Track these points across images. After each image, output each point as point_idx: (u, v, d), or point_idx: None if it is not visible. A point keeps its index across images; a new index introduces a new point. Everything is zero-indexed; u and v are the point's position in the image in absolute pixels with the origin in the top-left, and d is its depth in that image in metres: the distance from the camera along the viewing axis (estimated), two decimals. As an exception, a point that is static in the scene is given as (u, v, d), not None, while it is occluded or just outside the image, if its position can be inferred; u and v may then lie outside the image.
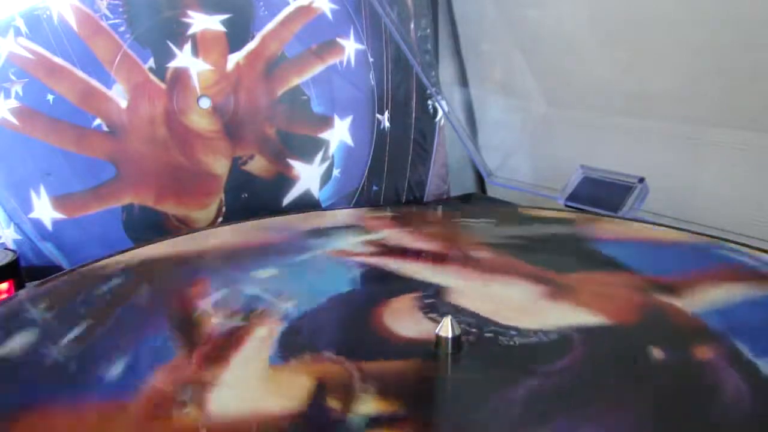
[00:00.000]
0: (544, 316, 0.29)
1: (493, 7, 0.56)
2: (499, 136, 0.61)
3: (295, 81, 0.51)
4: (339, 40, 0.52)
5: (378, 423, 0.22)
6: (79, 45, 0.44)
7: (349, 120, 0.53)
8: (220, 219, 0.50)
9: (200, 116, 0.48)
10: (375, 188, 0.56)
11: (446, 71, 0.62)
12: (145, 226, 0.47)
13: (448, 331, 0.27)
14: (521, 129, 0.60)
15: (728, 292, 0.31)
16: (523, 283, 0.33)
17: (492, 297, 0.31)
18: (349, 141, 0.54)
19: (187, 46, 0.47)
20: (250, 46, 0.49)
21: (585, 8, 0.48)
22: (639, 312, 0.30)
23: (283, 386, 0.24)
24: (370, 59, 0.54)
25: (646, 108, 0.49)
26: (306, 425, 0.22)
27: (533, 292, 0.32)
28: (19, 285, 0.38)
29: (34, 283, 0.35)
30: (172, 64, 0.47)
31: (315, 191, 0.53)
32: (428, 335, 0.27)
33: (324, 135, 0.53)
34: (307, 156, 0.52)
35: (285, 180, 0.52)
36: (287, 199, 0.52)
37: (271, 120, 0.50)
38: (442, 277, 0.34)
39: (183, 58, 0.47)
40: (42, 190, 0.45)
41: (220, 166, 0.49)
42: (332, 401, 0.23)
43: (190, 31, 0.47)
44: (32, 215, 0.45)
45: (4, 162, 0.44)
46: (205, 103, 0.48)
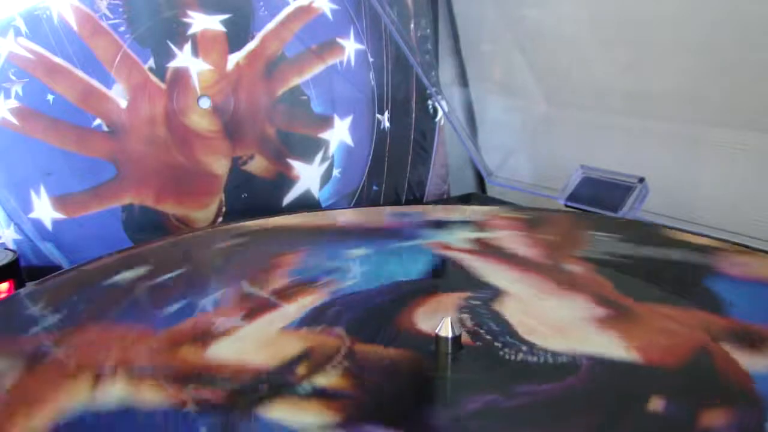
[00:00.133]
0: (576, 340, 0.27)
1: (493, 7, 0.56)
2: (499, 136, 0.61)
3: (295, 81, 0.51)
4: (339, 40, 0.52)
5: (316, 395, 0.23)
6: (79, 45, 0.44)
7: (349, 120, 0.53)
8: (219, 219, 0.50)
9: (200, 116, 0.48)
10: (375, 188, 0.56)
11: (446, 71, 0.62)
12: (145, 226, 0.47)
13: (447, 332, 0.27)
14: (521, 129, 0.60)
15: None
16: (585, 304, 0.30)
17: (540, 311, 0.30)
18: (349, 141, 0.54)
19: (187, 46, 0.47)
20: (250, 46, 0.49)
21: (585, 8, 0.48)
22: (683, 356, 0.26)
23: (276, 348, 0.26)
24: (370, 59, 0.54)
25: (646, 108, 0.49)
26: (262, 381, 0.24)
27: (587, 315, 0.29)
28: (19, 285, 0.38)
29: (33, 282, 0.35)
30: (172, 64, 0.47)
31: (315, 191, 0.53)
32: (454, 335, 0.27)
33: (324, 135, 0.53)
34: (307, 156, 0.52)
35: (285, 180, 0.52)
36: (287, 199, 0.52)
37: (271, 120, 0.50)
38: (511, 283, 0.33)
39: (183, 58, 0.47)
40: (42, 190, 0.45)
41: (220, 166, 0.49)
42: (302, 368, 0.25)
43: (190, 31, 0.47)
44: (32, 215, 0.45)
45: (4, 162, 0.44)
46: (205, 103, 0.48)
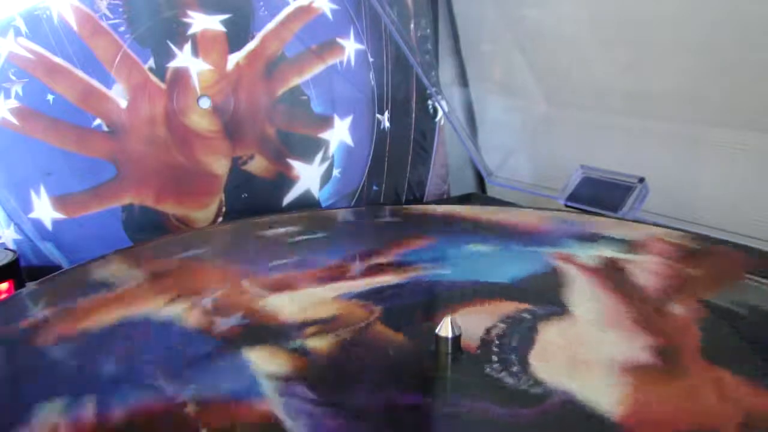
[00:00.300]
0: (579, 376, 0.25)
1: (493, 7, 0.56)
2: (499, 136, 0.61)
3: (295, 81, 0.51)
4: (339, 40, 0.52)
5: (298, 352, 0.27)
6: (79, 45, 0.44)
7: (349, 120, 0.53)
8: (219, 219, 0.50)
9: (200, 116, 0.48)
10: (375, 188, 0.56)
11: (446, 71, 0.62)
12: (145, 226, 0.47)
13: (447, 332, 0.27)
14: (521, 129, 0.60)
15: None
16: (640, 347, 0.28)
17: (582, 340, 0.28)
18: (349, 141, 0.54)
19: (187, 46, 0.47)
20: (250, 46, 0.49)
21: (585, 8, 0.48)
22: (685, 422, 0.23)
23: (314, 310, 0.31)
24: (370, 59, 0.54)
25: (646, 108, 0.48)
26: (273, 329, 0.29)
27: (625, 358, 0.27)
28: (19, 285, 0.38)
29: (33, 282, 0.35)
30: (172, 64, 0.47)
31: (315, 191, 0.53)
32: (466, 336, 0.28)
33: (324, 135, 0.53)
34: (307, 156, 0.52)
35: (285, 180, 0.52)
36: (287, 199, 0.52)
37: (271, 120, 0.50)
38: (585, 306, 0.31)
39: (183, 58, 0.47)
40: (42, 190, 0.45)
41: (220, 166, 0.49)
42: (311, 329, 0.29)
43: (190, 31, 0.47)
44: (32, 215, 0.45)
45: (4, 162, 0.44)
46: (205, 103, 0.48)
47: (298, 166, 0.52)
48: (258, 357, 0.27)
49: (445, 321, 0.27)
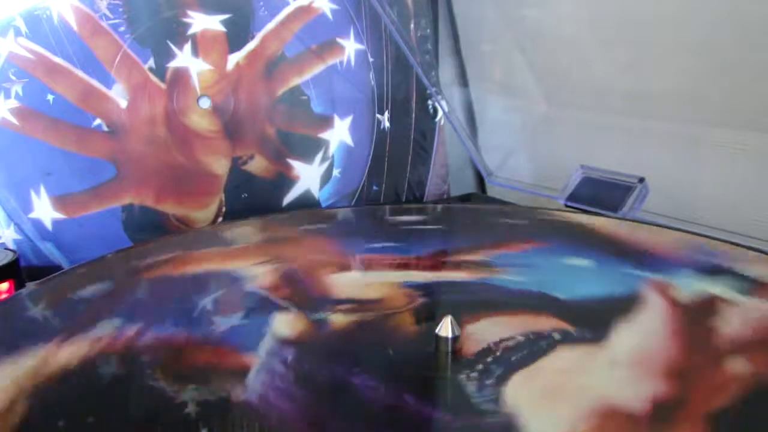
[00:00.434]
0: (548, 408, 0.24)
1: (493, 7, 0.56)
2: (499, 136, 0.61)
3: (295, 81, 0.51)
4: (339, 40, 0.52)
5: (316, 322, 0.30)
6: (79, 45, 0.44)
7: (349, 120, 0.53)
8: (220, 219, 0.50)
9: (200, 116, 0.48)
10: (375, 188, 0.56)
11: (446, 71, 0.62)
12: (145, 226, 0.47)
13: (447, 332, 0.27)
14: (521, 129, 0.60)
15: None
16: (638, 396, 0.24)
17: (578, 374, 0.26)
18: (349, 141, 0.54)
19: (187, 46, 0.47)
20: (250, 46, 0.49)
21: (585, 8, 0.48)
22: None
23: (368, 290, 0.33)
24: (370, 59, 0.54)
25: (646, 108, 0.48)
26: (325, 301, 0.32)
27: (614, 403, 0.24)
28: (19, 285, 0.38)
29: (33, 282, 0.35)
30: (172, 64, 0.47)
31: (315, 191, 0.53)
32: (475, 341, 0.28)
33: (324, 135, 0.53)
34: (307, 156, 0.52)
35: (285, 180, 0.52)
36: (287, 199, 0.52)
37: (271, 120, 0.50)
38: (625, 345, 0.28)
39: (183, 58, 0.47)
40: (42, 190, 0.45)
41: (220, 166, 0.49)
42: (345, 306, 0.31)
43: (190, 31, 0.47)
44: (32, 215, 0.45)
45: (4, 162, 0.44)
46: (205, 103, 0.48)
47: (298, 166, 0.52)
48: (282, 320, 0.30)
49: (444, 321, 0.27)
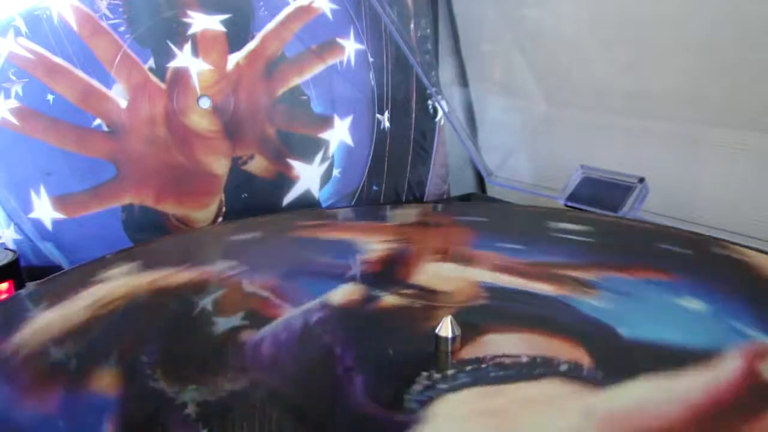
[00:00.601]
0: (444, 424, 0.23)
1: (493, 7, 0.56)
2: (499, 136, 0.61)
3: (295, 81, 0.51)
4: (339, 40, 0.52)
5: (371, 300, 0.32)
6: (79, 45, 0.44)
7: (349, 120, 0.53)
8: (219, 219, 0.50)
9: (200, 116, 0.48)
10: (375, 188, 0.56)
11: (446, 71, 0.62)
12: (145, 226, 0.47)
13: (447, 332, 0.27)
14: (521, 129, 0.60)
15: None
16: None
17: (518, 405, 0.24)
18: (349, 141, 0.54)
19: (187, 46, 0.47)
20: (250, 46, 0.49)
21: (585, 8, 0.48)
22: None
23: (446, 282, 0.34)
24: (370, 59, 0.54)
25: (646, 108, 0.48)
26: (397, 282, 0.34)
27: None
28: (19, 285, 0.38)
29: (33, 282, 0.35)
30: (172, 64, 0.47)
31: (315, 191, 0.53)
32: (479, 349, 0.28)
33: (324, 135, 0.53)
34: (307, 156, 0.52)
35: (285, 180, 0.52)
36: (287, 199, 0.52)
37: (271, 120, 0.50)
38: (619, 396, 0.25)
39: (183, 58, 0.47)
40: (42, 190, 0.45)
41: (220, 166, 0.49)
42: (411, 292, 0.33)
43: (190, 31, 0.47)
44: (32, 215, 0.45)
45: (4, 162, 0.44)
46: (205, 103, 0.48)
47: (298, 166, 0.52)
48: (346, 289, 0.33)
49: (445, 321, 0.27)
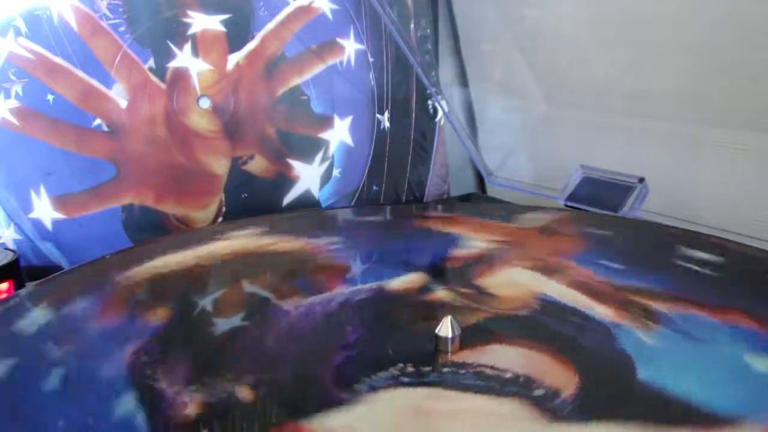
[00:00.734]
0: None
1: (493, 7, 0.56)
2: (499, 136, 0.61)
3: (295, 81, 0.51)
4: (339, 40, 0.52)
5: (419, 290, 0.34)
6: (79, 45, 0.44)
7: (349, 120, 0.53)
8: (219, 219, 0.50)
9: (200, 116, 0.48)
10: (375, 188, 0.56)
11: (446, 71, 0.62)
12: (145, 226, 0.47)
13: (447, 332, 0.27)
14: (521, 129, 0.60)
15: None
16: None
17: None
18: (349, 141, 0.54)
19: (187, 46, 0.47)
20: (250, 46, 0.49)
21: (585, 8, 0.48)
22: None
23: (505, 288, 0.34)
24: (370, 59, 0.54)
25: (646, 108, 0.48)
26: (459, 276, 0.36)
27: None
28: (19, 285, 0.38)
29: (33, 282, 0.35)
30: (172, 64, 0.47)
31: (315, 191, 0.53)
32: (470, 356, 0.27)
33: (324, 135, 0.53)
34: (307, 156, 0.52)
35: (285, 180, 0.52)
36: (287, 199, 0.52)
37: (271, 120, 0.50)
38: None
39: (183, 58, 0.47)
40: (42, 190, 0.45)
41: (220, 166, 0.49)
42: (472, 293, 0.34)
43: (190, 31, 0.47)
44: (32, 215, 0.45)
45: (4, 162, 0.44)
46: (205, 103, 0.48)
47: (298, 166, 0.52)
48: (407, 278, 0.35)
49: (444, 321, 0.27)
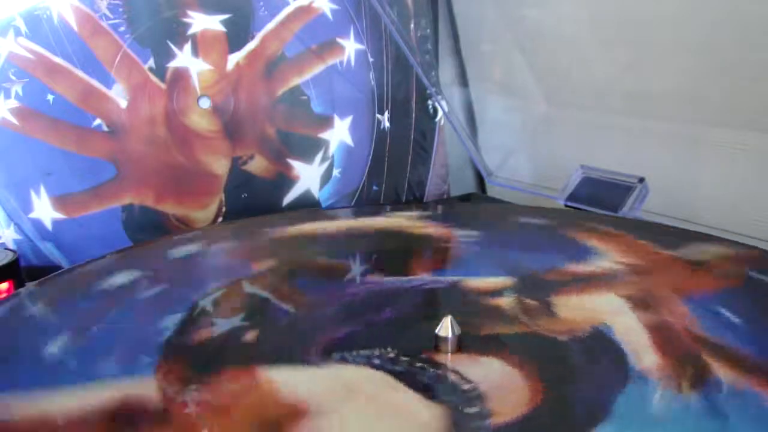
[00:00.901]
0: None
1: (493, 7, 0.56)
2: (499, 136, 0.61)
3: (295, 81, 0.51)
4: (339, 40, 0.52)
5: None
6: (79, 45, 0.44)
7: (349, 120, 0.53)
8: (219, 219, 0.50)
9: (200, 116, 0.48)
10: (375, 188, 0.56)
11: (446, 71, 0.62)
12: (145, 226, 0.47)
13: (447, 332, 0.27)
14: (521, 129, 0.60)
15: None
16: None
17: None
18: (349, 141, 0.54)
19: (187, 46, 0.47)
20: (250, 46, 0.49)
21: (585, 8, 0.48)
22: None
23: (571, 313, 0.31)
24: (370, 59, 0.54)
25: (646, 108, 0.48)
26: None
27: None
28: (19, 285, 0.38)
29: (33, 282, 0.35)
30: (172, 64, 0.47)
31: (315, 191, 0.53)
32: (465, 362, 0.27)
33: (324, 135, 0.53)
34: (307, 156, 0.52)
35: (285, 180, 0.52)
36: (287, 199, 0.52)
37: (271, 120, 0.50)
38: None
39: (183, 58, 0.47)
40: (42, 190, 0.45)
41: (220, 166, 0.49)
42: (535, 306, 0.32)
43: (190, 31, 0.47)
44: (32, 215, 0.45)
45: (4, 162, 0.44)
46: (205, 103, 0.48)
47: (298, 166, 0.52)
48: (493, 279, 0.35)
49: (444, 321, 0.27)
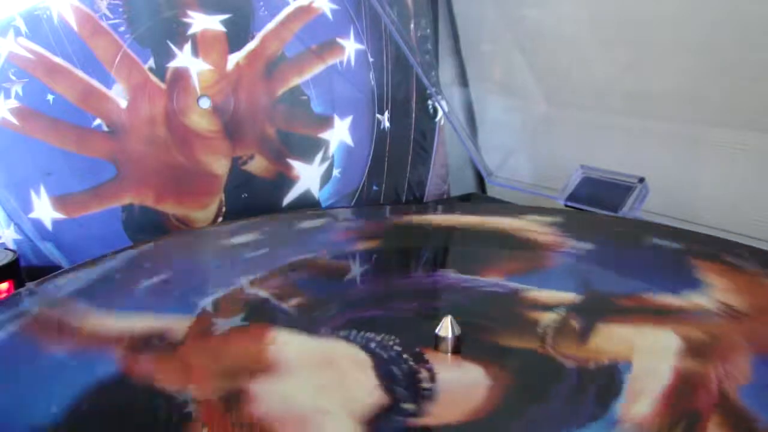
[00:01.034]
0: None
1: (493, 7, 0.56)
2: (499, 136, 0.61)
3: (295, 81, 0.51)
4: (339, 40, 0.52)
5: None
6: (79, 45, 0.44)
7: (349, 120, 0.53)
8: (219, 219, 0.50)
9: (200, 116, 0.48)
10: (375, 188, 0.56)
11: (446, 71, 0.62)
12: (145, 226, 0.47)
13: (447, 332, 0.27)
14: (521, 129, 0.60)
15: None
16: None
17: None
18: (349, 141, 0.54)
19: (187, 46, 0.47)
20: (250, 46, 0.49)
21: (585, 8, 0.48)
22: None
23: (608, 344, 0.29)
24: (370, 59, 0.54)
25: (646, 108, 0.48)
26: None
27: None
28: (19, 285, 0.38)
29: (33, 282, 0.35)
30: (172, 64, 0.47)
31: (315, 191, 0.53)
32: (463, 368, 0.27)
33: (324, 135, 0.53)
34: (307, 156, 0.52)
35: (285, 180, 0.52)
36: (287, 199, 0.52)
37: (271, 120, 0.50)
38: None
39: (183, 58, 0.47)
40: (42, 190, 0.45)
41: (220, 166, 0.49)
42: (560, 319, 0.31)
43: (190, 31, 0.47)
44: (32, 215, 0.45)
45: (4, 162, 0.44)
46: (205, 103, 0.48)
47: (298, 166, 0.52)
48: (548, 292, 0.33)
49: (444, 321, 0.27)
